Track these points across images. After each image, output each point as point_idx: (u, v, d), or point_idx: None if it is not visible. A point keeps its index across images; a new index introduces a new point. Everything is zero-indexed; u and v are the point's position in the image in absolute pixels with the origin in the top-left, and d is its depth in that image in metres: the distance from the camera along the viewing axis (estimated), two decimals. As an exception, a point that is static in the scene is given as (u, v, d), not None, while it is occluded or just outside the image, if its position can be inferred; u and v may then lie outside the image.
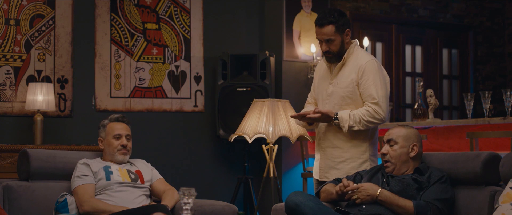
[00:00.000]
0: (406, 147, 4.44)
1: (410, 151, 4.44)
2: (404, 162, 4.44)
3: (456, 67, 10.53)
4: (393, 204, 4.18)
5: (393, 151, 4.44)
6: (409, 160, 4.44)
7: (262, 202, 6.72)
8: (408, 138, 4.45)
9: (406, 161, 4.44)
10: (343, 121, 4.68)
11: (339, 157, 4.81)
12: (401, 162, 4.43)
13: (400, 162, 4.43)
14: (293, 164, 7.99)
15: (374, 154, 4.84)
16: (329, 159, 4.84)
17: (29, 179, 4.90)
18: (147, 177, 4.97)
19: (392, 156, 4.44)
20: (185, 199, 2.88)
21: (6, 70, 6.94)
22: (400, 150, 4.43)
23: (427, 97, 7.24)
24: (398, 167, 4.44)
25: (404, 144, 4.44)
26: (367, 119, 4.65)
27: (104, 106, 7.37)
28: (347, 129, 4.67)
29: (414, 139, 4.47)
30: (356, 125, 4.66)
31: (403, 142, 4.44)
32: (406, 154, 4.43)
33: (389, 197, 4.20)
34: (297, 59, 8.12)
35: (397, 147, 4.44)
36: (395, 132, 4.49)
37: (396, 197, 4.20)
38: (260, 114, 5.98)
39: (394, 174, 4.44)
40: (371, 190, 4.25)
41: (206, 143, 7.87)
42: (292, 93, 7.96)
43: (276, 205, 4.64)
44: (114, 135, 4.92)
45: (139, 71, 7.55)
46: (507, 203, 3.70)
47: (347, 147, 4.79)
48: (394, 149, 4.45)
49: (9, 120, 6.94)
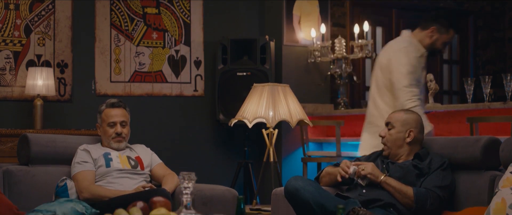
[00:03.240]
0: (402, 132, 4.44)
1: (406, 136, 4.44)
2: (399, 147, 4.44)
3: (456, 52, 10.53)
4: (395, 189, 4.18)
5: (389, 134, 4.46)
6: (405, 145, 4.44)
7: (262, 187, 6.73)
8: (406, 123, 4.45)
9: (401, 146, 4.44)
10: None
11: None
12: (396, 146, 4.44)
13: (395, 146, 4.44)
14: (293, 149, 7.99)
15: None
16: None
17: (29, 164, 4.90)
18: (147, 162, 4.96)
19: (387, 140, 4.46)
20: (185, 183, 2.88)
21: (6, 55, 6.93)
22: (396, 135, 4.44)
23: (427, 82, 7.23)
24: (394, 151, 4.45)
25: (401, 128, 4.44)
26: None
27: (104, 91, 7.36)
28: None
29: (413, 124, 4.46)
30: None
31: (400, 127, 4.45)
32: (402, 139, 4.44)
33: (391, 181, 4.21)
34: (297, 44, 8.11)
35: (394, 131, 4.45)
36: (395, 116, 4.51)
37: (398, 182, 4.20)
38: (260, 98, 5.98)
39: (390, 158, 4.46)
40: (377, 169, 4.27)
41: (206, 128, 7.88)
42: (292, 78, 7.96)
43: (276, 189, 4.64)
44: (109, 123, 4.89)
45: (139, 55, 7.54)
46: (507, 188, 3.71)
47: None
48: (390, 132, 4.46)
49: (9, 104, 6.94)
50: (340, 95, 8.22)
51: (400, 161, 4.43)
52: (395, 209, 4.17)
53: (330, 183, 4.53)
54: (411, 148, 4.45)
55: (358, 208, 3.95)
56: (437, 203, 4.15)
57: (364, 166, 4.30)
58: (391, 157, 4.47)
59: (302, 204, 4.10)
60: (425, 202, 4.13)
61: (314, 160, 7.40)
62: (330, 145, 7.90)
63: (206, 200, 4.73)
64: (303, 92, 7.93)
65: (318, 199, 4.06)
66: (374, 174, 4.26)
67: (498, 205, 3.66)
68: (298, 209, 4.18)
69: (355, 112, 7.89)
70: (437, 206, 4.16)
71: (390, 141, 4.46)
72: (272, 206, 4.64)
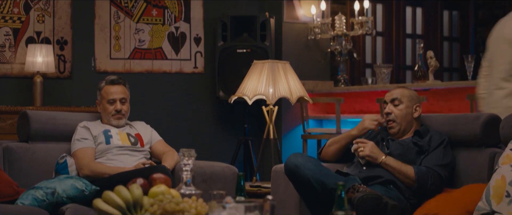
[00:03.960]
0: (410, 107, 4.43)
1: (414, 111, 4.43)
2: (408, 122, 4.43)
3: (457, 29, 10.51)
4: (395, 169, 4.18)
5: (398, 110, 4.42)
6: (413, 121, 4.44)
7: (262, 164, 6.73)
8: (412, 99, 4.45)
9: (410, 121, 4.43)
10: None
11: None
12: (406, 122, 4.42)
13: (405, 122, 4.41)
14: (293, 126, 8.00)
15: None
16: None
17: (29, 141, 4.90)
18: (147, 139, 4.96)
19: (397, 115, 4.41)
20: (185, 160, 2.88)
21: (5, 32, 6.92)
22: (406, 110, 4.41)
23: (428, 59, 7.23)
24: (403, 127, 4.42)
25: (409, 104, 4.43)
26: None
27: (104, 68, 7.35)
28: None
29: (417, 100, 4.47)
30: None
31: (408, 102, 4.43)
32: (410, 114, 4.43)
33: (392, 162, 4.20)
34: (297, 20, 8.10)
35: (403, 107, 4.42)
36: (400, 92, 4.47)
37: (398, 163, 4.19)
38: (260, 75, 5.97)
39: (397, 136, 4.44)
40: (376, 150, 4.26)
41: (206, 105, 7.88)
42: (292, 55, 7.95)
43: (276, 166, 4.65)
44: (108, 100, 4.88)
45: (138, 32, 7.53)
46: (506, 165, 3.71)
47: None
48: (399, 108, 4.42)
49: (9, 81, 6.93)
50: (340, 72, 8.22)
51: (401, 139, 4.43)
52: (395, 186, 4.17)
53: (338, 151, 4.55)
54: (416, 124, 4.45)
55: (358, 185, 3.95)
56: (438, 182, 4.15)
57: (363, 146, 4.29)
58: (399, 134, 4.45)
59: (302, 181, 4.10)
60: (426, 181, 4.12)
61: (314, 137, 7.40)
62: (330, 122, 7.90)
63: (206, 177, 4.74)
64: (303, 69, 7.93)
65: (318, 176, 4.05)
66: (372, 156, 4.25)
67: (498, 182, 3.66)
68: (298, 186, 4.18)
69: (355, 89, 7.89)
70: (438, 185, 4.15)
71: (400, 116, 4.41)
72: (272, 183, 4.65)
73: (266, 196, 2.63)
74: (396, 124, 4.43)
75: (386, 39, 9.72)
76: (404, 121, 4.42)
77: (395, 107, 4.44)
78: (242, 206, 2.24)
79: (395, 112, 4.43)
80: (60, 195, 4.28)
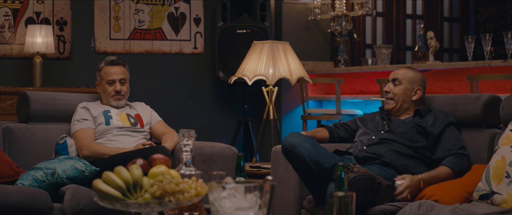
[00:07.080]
0: (410, 90, 4.43)
1: (413, 94, 4.43)
2: (405, 102, 4.43)
3: (457, 10, 10.48)
4: (436, 179, 4.06)
5: (397, 89, 4.43)
6: (411, 103, 4.43)
7: (262, 144, 6.74)
8: (413, 81, 4.44)
9: (408, 102, 4.43)
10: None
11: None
12: (403, 101, 4.42)
13: (402, 101, 4.42)
14: (293, 106, 8.00)
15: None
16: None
17: (29, 121, 4.90)
18: (146, 120, 4.96)
19: (395, 93, 4.43)
20: (185, 141, 2.87)
21: (4, 12, 6.90)
22: (404, 91, 4.42)
23: (428, 39, 7.22)
24: (399, 106, 4.43)
25: (409, 86, 4.43)
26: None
27: (104, 49, 7.34)
28: None
29: (419, 83, 4.46)
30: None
31: (407, 84, 4.43)
32: (409, 96, 4.43)
33: (429, 177, 4.08)
34: (297, 1, 8.08)
35: (402, 87, 4.43)
36: (402, 72, 4.47)
37: (433, 173, 4.10)
38: (260, 55, 5.96)
39: (396, 115, 4.44)
40: (414, 182, 4.03)
41: (206, 85, 7.87)
42: (292, 35, 7.94)
43: (276, 146, 4.65)
44: (108, 81, 4.88)
45: (138, 13, 7.51)
46: (507, 146, 3.71)
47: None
48: (398, 88, 4.43)
49: (8, 62, 6.92)
50: (340, 53, 8.20)
51: (401, 117, 4.43)
52: (393, 167, 4.16)
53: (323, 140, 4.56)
54: (415, 107, 4.44)
55: (352, 165, 3.91)
56: (468, 162, 4.14)
57: (404, 193, 4.01)
58: (394, 112, 4.46)
59: (298, 160, 4.06)
60: (463, 167, 4.09)
61: (314, 117, 7.40)
62: (330, 102, 7.90)
63: (206, 157, 4.74)
64: (303, 50, 7.91)
65: (313, 156, 4.01)
66: (414, 191, 4.02)
67: (498, 162, 3.66)
68: (295, 165, 4.16)
69: (355, 69, 7.88)
70: (469, 163, 4.13)
71: (398, 95, 4.42)
72: (272, 163, 4.65)
73: (266, 177, 2.62)
74: (394, 101, 4.45)
75: (386, 20, 9.70)
76: (401, 99, 4.43)
77: (395, 86, 4.45)
78: (242, 187, 2.23)
79: (393, 91, 4.45)
80: (60, 175, 4.28)
